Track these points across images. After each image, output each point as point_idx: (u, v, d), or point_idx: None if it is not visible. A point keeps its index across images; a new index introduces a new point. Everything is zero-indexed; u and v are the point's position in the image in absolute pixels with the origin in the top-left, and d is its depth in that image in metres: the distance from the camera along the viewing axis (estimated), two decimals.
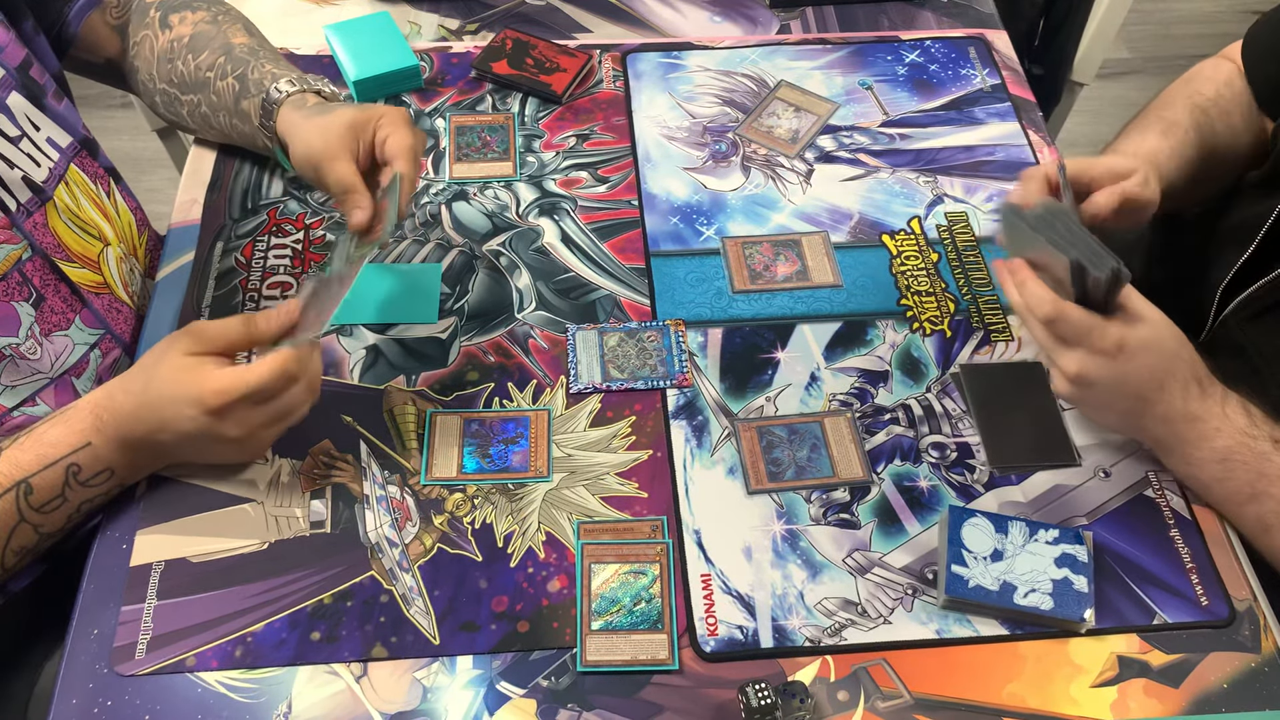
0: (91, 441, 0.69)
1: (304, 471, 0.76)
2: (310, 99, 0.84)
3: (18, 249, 0.76)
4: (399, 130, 0.77)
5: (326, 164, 0.77)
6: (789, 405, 0.81)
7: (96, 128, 0.88)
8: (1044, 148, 0.99)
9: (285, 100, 0.83)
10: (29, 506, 0.67)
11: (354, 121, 0.78)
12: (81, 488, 0.69)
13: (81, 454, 0.69)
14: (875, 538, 0.74)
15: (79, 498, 0.70)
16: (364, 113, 0.79)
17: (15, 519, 0.67)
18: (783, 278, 0.89)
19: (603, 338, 0.84)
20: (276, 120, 0.84)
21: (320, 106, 0.82)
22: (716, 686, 0.67)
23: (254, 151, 0.93)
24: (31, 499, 0.67)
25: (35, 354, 0.77)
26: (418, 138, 0.79)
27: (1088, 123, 1.99)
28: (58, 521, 0.70)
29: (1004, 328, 0.86)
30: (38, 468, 0.68)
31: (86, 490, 0.70)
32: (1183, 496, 0.76)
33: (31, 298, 0.77)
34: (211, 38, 0.89)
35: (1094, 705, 0.67)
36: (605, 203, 0.94)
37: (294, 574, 0.71)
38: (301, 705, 0.66)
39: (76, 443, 0.69)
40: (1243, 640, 0.70)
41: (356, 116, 0.78)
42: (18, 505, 0.67)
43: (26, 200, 0.77)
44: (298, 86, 0.84)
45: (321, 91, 0.86)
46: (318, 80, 0.87)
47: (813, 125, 1.01)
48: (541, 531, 0.74)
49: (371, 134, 0.78)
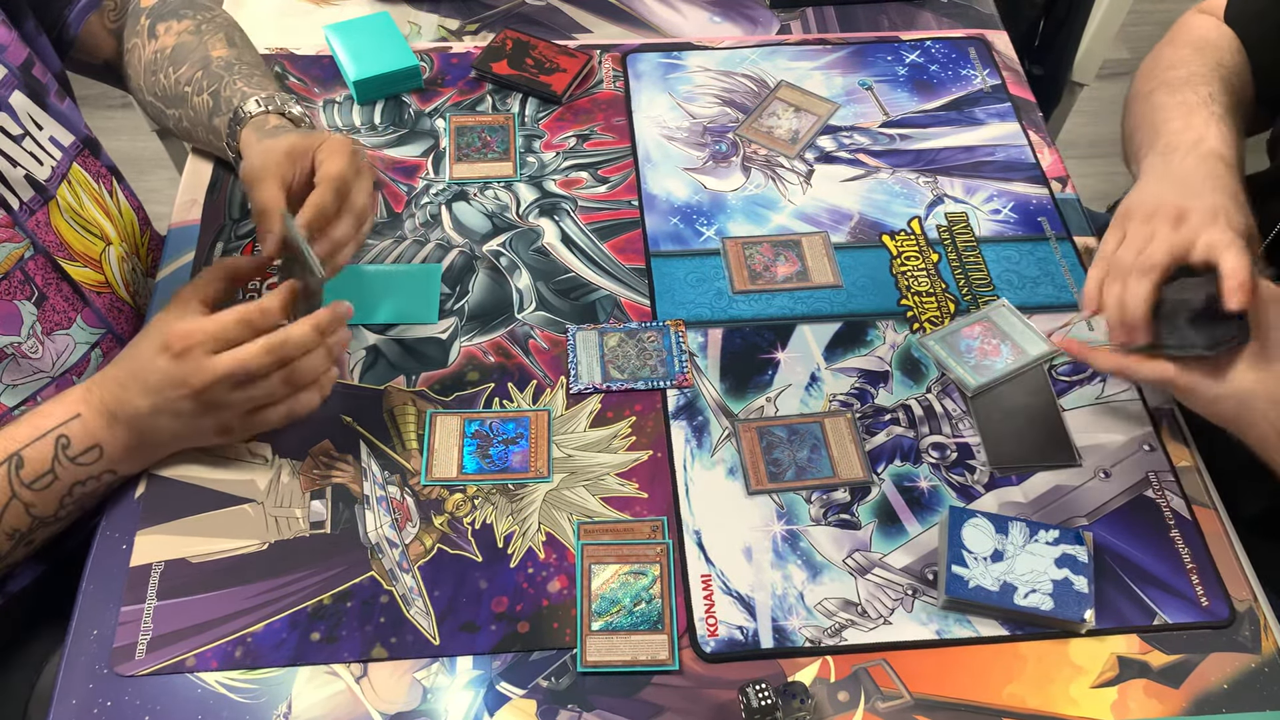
0: (80, 413, 0.70)
1: (304, 472, 0.76)
2: (272, 120, 0.83)
3: (20, 248, 0.76)
4: (331, 158, 0.76)
5: (255, 185, 0.76)
6: (789, 406, 0.81)
7: (97, 128, 0.88)
8: (1044, 148, 0.99)
9: (249, 121, 0.83)
10: (20, 482, 0.68)
11: (293, 148, 0.77)
12: (71, 464, 0.69)
13: (71, 425, 0.69)
14: (875, 538, 0.74)
15: (70, 476, 0.70)
16: (305, 139, 0.78)
17: (8, 494, 0.68)
18: (783, 278, 0.89)
19: (603, 338, 0.84)
20: (239, 140, 0.83)
21: (277, 130, 0.81)
22: (717, 687, 0.67)
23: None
24: (23, 473, 0.68)
25: (37, 353, 0.77)
26: (352, 166, 0.77)
27: (1088, 123, 1.99)
28: (49, 503, 0.70)
29: None
30: (30, 439, 0.68)
31: (76, 469, 0.70)
32: (1183, 497, 0.76)
33: (33, 296, 0.77)
34: (191, 50, 0.88)
35: (1094, 706, 0.67)
36: (605, 203, 0.94)
37: (294, 574, 0.71)
38: (301, 706, 0.66)
39: (66, 414, 0.70)
40: (1243, 641, 0.70)
41: (297, 143, 0.77)
42: (9, 480, 0.68)
43: (29, 199, 0.77)
44: (263, 107, 0.83)
45: (287, 112, 0.84)
46: (286, 101, 0.85)
47: (813, 125, 1.01)
48: (541, 532, 0.74)
49: (310, 160, 0.77)
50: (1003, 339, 0.84)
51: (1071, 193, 0.96)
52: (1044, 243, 0.92)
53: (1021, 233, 0.92)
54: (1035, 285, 0.89)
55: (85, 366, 0.81)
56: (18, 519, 0.69)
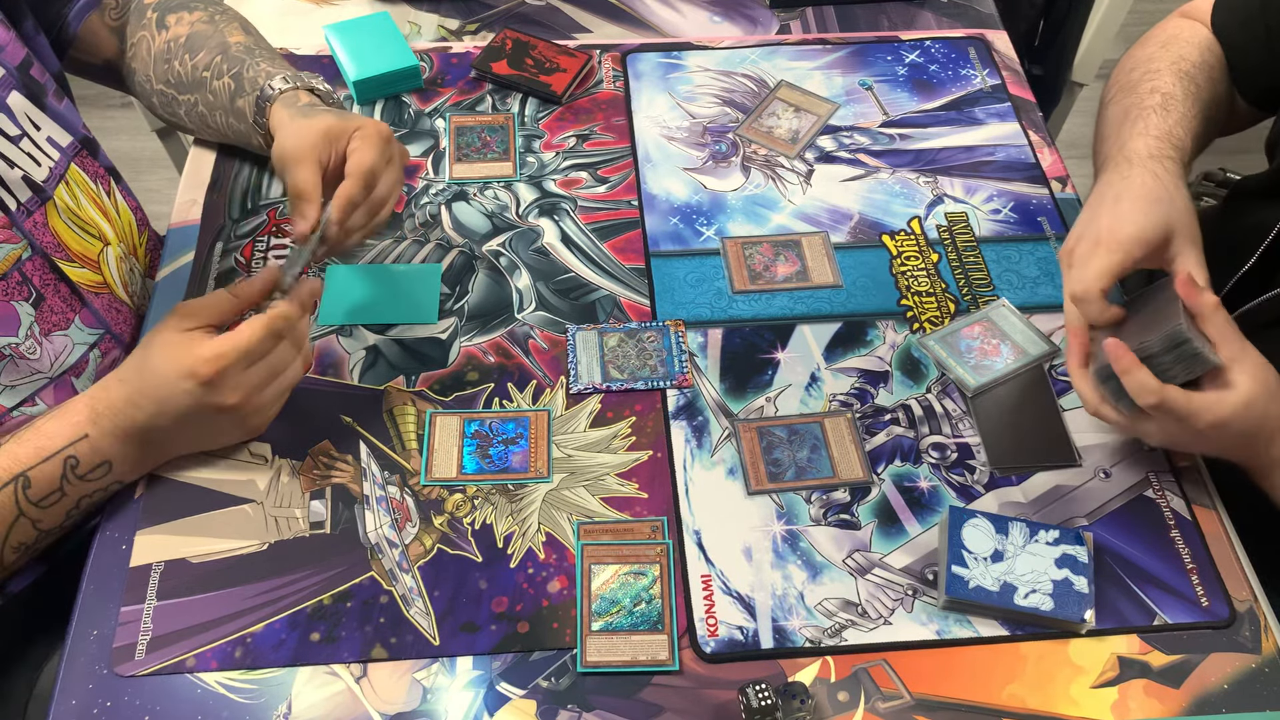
0: (88, 433, 0.69)
1: (304, 472, 0.76)
2: (303, 97, 0.84)
3: (17, 248, 0.75)
4: (364, 147, 0.76)
5: (291, 166, 0.76)
6: (789, 406, 0.81)
7: (96, 128, 0.88)
8: (1044, 148, 0.99)
9: (278, 97, 0.83)
10: (27, 500, 0.67)
11: (329, 129, 0.77)
12: (80, 481, 0.69)
13: (79, 446, 0.69)
14: (875, 538, 0.74)
15: (77, 492, 0.69)
16: (342, 121, 0.78)
17: (14, 514, 0.67)
18: (783, 278, 0.89)
19: (603, 338, 0.84)
20: (269, 117, 0.84)
21: (310, 107, 0.82)
22: (717, 687, 0.67)
23: (252, 151, 0.93)
24: (30, 493, 0.67)
25: (35, 354, 0.77)
26: (383, 157, 0.77)
27: (1088, 123, 1.98)
28: (56, 517, 0.70)
29: None
30: (35, 461, 0.68)
31: (85, 485, 0.70)
32: (1183, 497, 0.76)
33: (31, 297, 0.77)
34: (208, 37, 0.89)
35: (1094, 706, 0.67)
36: (605, 203, 0.94)
37: (293, 575, 0.71)
38: (301, 706, 0.66)
39: (73, 435, 0.69)
40: (1243, 641, 0.70)
41: (333, 125, 0.77)
42: (16, 500, 0.67)
43: (27, 200, 0.77)
44: (291, 84, 0.84)
45: (315, 89, 0.85)
46: (312, 78, 0.86)
47: (813, 125, 1.01)
48: (541, 532, 0.73)
49: (345, 143, 0.77)
50: (1003, 339, 0.84)
51: (1071, 192, 0.96)
52: (1044, 242, 0.92)
53: (1021, 233, 0.92)
54: (1035, 285, 0.88)
55: (84, 367, 0.81)
56: (24, 534, 0.69)
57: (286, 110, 0.82)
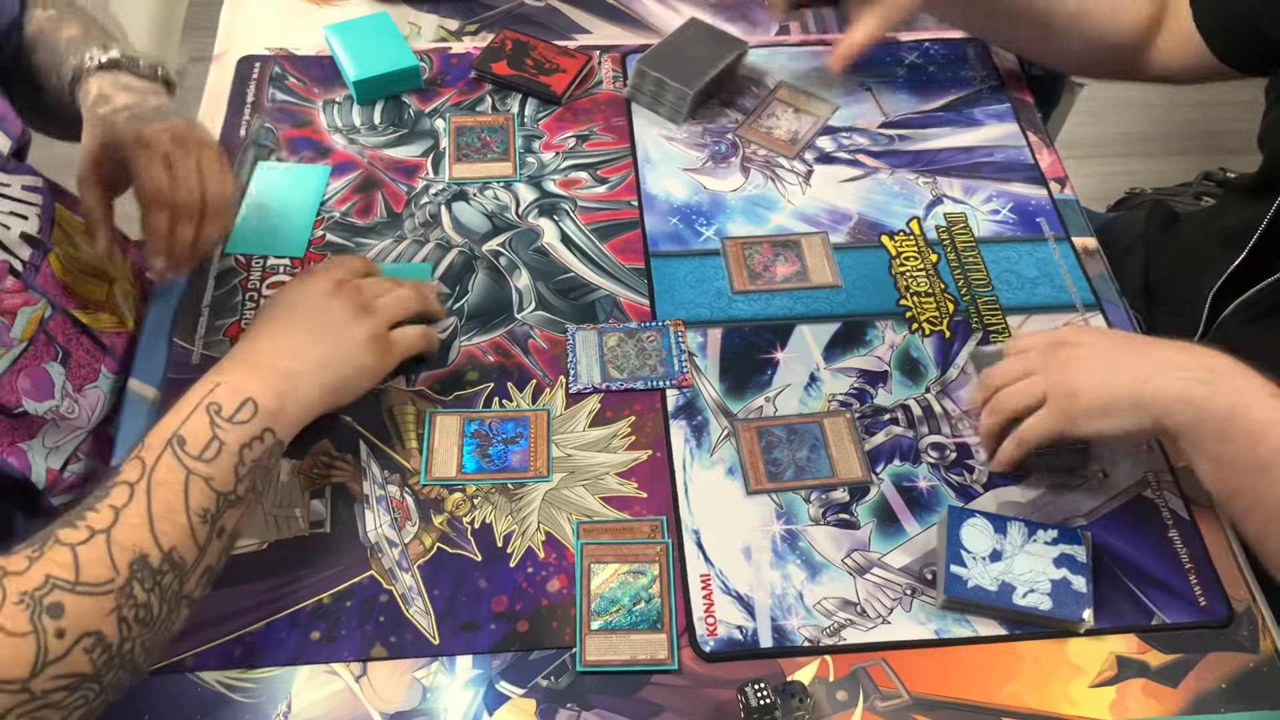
0: (220, 381, 0.66)
1: (303, 471, 0.76)
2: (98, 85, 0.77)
3: (38, 309, 0.74)
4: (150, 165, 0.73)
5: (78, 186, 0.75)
6: (788, 405, 0.81)
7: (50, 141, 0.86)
8: (1043, 148, 1.00)
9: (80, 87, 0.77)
10: (187, 455, 0.63)
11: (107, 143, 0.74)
12: (230, 425, 0.65)
13: (215, 392, 0.66)
14: (874, 538, 0.74)
15: (234, 439, 0.64)
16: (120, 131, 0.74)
17: (183, 472, 0.62)
18: (782, 278, 0.89)
19: (602, 338, 0.84)
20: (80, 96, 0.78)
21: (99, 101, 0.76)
22: (716, 686, 0.67)
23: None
24: (187, 448, 0.63)
25: (74, 413, 0.76)
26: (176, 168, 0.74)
27: (1087, 123, 1.99)
28: (225, 473, 0.64)
29: (1003, 328, 0.86)
30: (179, 422, 0.64)
31: (237, 430, 0.65)
32: (1181, 497, 0.76)
33: (59, 356, 0.75)
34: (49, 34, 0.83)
35: (1093, 705, 0.67)
36: (605, 203, 0.94)
37: (293, 574, 0.71)
38: (301, 705, 0.66)
39: (208, 387, 0.66)
40: (1241, 640, 0.70)
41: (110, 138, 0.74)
42: (178, 458, 0.62)
43: (29, 256, 0.75)
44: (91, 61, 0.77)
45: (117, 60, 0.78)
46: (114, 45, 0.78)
47: (812, 126, 1.01)
48: (541, 531, 0.74)
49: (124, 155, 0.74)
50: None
51: (1070, 193, 0.96)
52: (1043, 243, 0.92)
53: (1020, 233, 0.93)
54: (1034, 286, 0.89)
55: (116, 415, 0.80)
56: (203, 497, 0.62)
57: (84, 110, 0.77)
